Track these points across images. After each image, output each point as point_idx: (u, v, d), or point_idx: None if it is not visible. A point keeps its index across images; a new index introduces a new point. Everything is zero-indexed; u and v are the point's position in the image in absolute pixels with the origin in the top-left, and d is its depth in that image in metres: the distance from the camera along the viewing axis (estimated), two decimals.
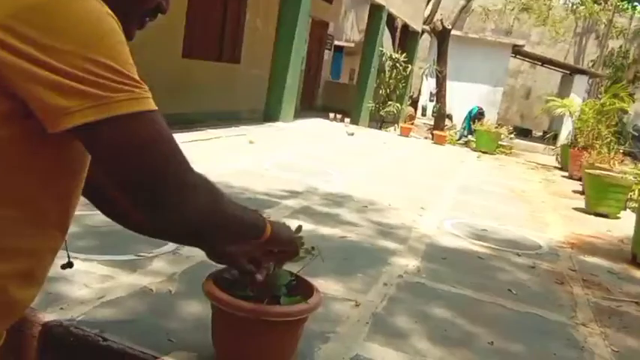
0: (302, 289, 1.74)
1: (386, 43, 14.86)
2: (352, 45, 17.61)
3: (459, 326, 2.59)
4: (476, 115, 14.50)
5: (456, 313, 2.74)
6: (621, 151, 10.14)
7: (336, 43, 17.12)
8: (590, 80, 19.02)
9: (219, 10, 9.71)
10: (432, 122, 15.06)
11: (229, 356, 1.80)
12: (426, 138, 13.65)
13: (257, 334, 1.68)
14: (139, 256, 2.74)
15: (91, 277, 2.38)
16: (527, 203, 6.45)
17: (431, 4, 17.00)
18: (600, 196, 6.51)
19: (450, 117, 15.21)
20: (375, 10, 12.49)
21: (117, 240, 2.86)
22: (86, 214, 1.91)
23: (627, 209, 6.57)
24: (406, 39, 16.24)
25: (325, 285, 2.70)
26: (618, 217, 6.40)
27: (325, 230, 3.83)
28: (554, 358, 2.41)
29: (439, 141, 12.14)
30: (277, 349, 1.78)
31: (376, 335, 2.33)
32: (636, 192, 6.90)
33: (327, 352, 2.09)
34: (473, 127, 13.42)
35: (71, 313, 2.01)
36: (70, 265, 1.16)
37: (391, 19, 14.39)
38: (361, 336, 2.30)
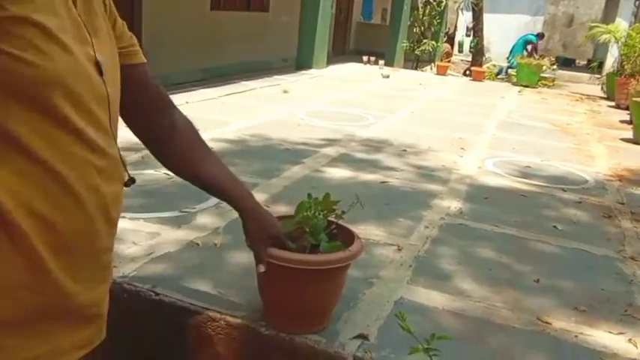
0: (343, 237, 1.76)
1: None
2: None
3: (503, 265, 2.58)
4: (531, 41, 13.89)
5: (500, 252, 2.73)
6: None
7: None
8: (638, 2, 17.97)
9: None
10: (469, 58, 14.60)
11: (275, 304, 1.85)
12: (465, 74, 13.28)
13: (299, 282, 1.72)
14: (183, 211, 2.82)
15: (139, 235, 2.47)
16: (571, 136, 6.26)
17: None
18: None
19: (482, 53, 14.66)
20: None
21: (161, 198, 2.95)
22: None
23: None
24: None
25: (367, 231, 2.73)
26: None
27: (365, 176, 3.83)
28: (603, 293, 2.38)
29: (478, 77, 11.78)
30: (321, 296, 1.82)
31: (420, 278, 2.35)
32: None
33: (371, 297, 2.13)
34: (516, 59, 12.84)
35: (123, 270, 2.10)
36: (132, 180, 1.10)
37: None
38: (405, 279, 2.33)
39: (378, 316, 1.99)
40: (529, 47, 13.90)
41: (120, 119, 1.08)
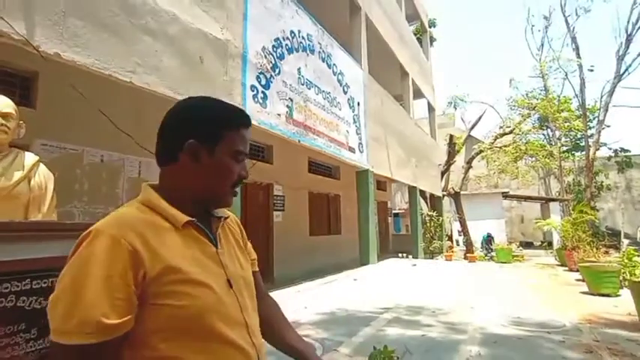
0: None
1: (423, 206, 14.68)
2: (403, 210, 17.52)
3: None
4: (487, 239, 13.57)
5: None
6: (603, 244, 8.69)
7: (394, 211, 17.17)
8: (561, 203, 17.28)
9: (326, 205, 10.28)
10: (464, 249, 14.02)
11: None
12: (464, 258, 12.58)
13: None
14: None
15: None
16: (545, 292, 5.54)
17: (444, 179, 16.97)
18: (597, 281, 5.49)
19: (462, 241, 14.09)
20: (412, 189, 12.64)
21: None
22: None
23: (624, 288, 5.42)
24: (435, 202, 15.97)
25: None
26: (619, 295, 5.28)
27: (410, 332, 3.47)
28: None
29: (472, 260, 11.13)
30: None
31: None
32: (627, 274, 5.74)
33: None
34: (490, 246, 12.36)
35: None
36: None
37: (422, 192, 14.39)
38: None
39: None
40: (487, 240, 13.53)
41: None
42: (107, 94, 3.77)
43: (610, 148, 20.02)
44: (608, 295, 5.27)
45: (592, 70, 20.03)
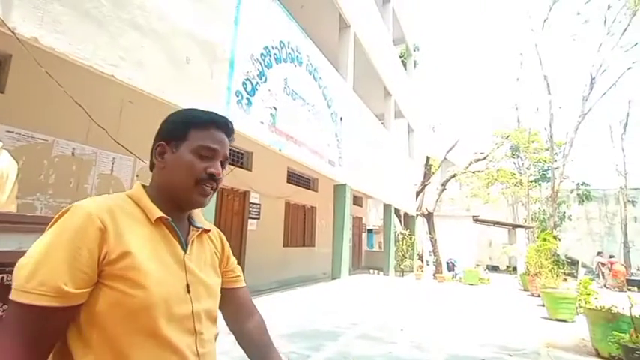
0: None
1: (397, 224, 14.87)
2: (377, 227, 17.67)
3: None
4: (450, 263, 14.02)
5: None
6: (562, 272, 9.07)
7: (368, 227, 17.28)
8: (526, 230, 17.99)
9: (302, 217, 10.22)
10: (433, 268, 14.27)
11: None
12: (433, 278, 12.77)
13: None
14: None
15: None
16: (507, 316, 5.68)
17: (419, 199, 17.34)
18: (556, 307, 5.70)
19: (431, 262, 14.43)
20: (387, 207, 12.81)
21: None
22: None
23: (579, 314, 5.66)
24: (408, 221, 16.23)
25: None
26: (574, 321, 5.50)
27: (377, 348, 3.45)
28: None
29: (441, 280, 11.32)
30: None
31: None
32: (582, 301, 6.00)
33: None
34: (454, 270, 12.79)
35: None
36: None
37: (397, 210, 14.60)
38: None
39: None
40: (450, 264, 13.91)
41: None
42: (87, 86, 3.63)
43: (573, 182, 21.20)
44: (564, 321, 5.47)
45: (560, 108, 21.24)
